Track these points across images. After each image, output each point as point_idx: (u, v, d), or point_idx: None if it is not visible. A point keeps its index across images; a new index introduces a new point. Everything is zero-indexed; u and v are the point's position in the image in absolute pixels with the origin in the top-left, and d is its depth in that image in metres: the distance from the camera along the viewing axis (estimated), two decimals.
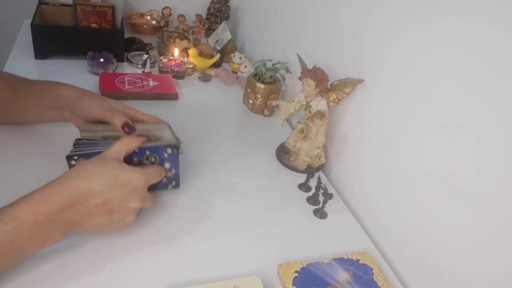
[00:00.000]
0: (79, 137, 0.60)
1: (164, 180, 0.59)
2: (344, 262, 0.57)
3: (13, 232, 0.43)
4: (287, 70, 0.90)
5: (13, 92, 0.64)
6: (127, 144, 0.55)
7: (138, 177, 0.52)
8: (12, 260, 0.46)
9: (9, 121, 0.70)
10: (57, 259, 0.50)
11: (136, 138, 0.56)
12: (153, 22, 1.31)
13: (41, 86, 0.65)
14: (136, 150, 0.56)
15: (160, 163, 0.58)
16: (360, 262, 0.58)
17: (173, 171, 0.60)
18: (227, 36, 1.19)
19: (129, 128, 0.59)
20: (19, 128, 0.71)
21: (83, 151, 0.57)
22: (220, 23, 1.25)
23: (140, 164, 0.57)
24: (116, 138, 0.56)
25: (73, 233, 0.50)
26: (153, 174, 0.55)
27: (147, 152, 0.57)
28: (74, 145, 0.58)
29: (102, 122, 0.61)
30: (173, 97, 0.94)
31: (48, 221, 0.45)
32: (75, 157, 0.56)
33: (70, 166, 0.56)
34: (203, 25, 1.31)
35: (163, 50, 1.12)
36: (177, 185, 0.62)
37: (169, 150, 0.58)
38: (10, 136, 0.69)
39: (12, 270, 0.47)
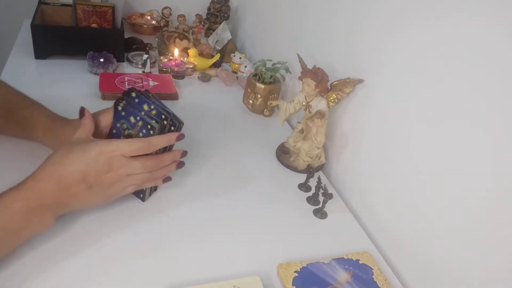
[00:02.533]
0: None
1: (151, 132, 0.55)
2: (344, 262, 0.57)
3: (6, 218, 0.46)
4: (287, 70, 0.90)
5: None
6: (85, 127, 0.55)
7: (108, 148, 0.51)
8: (8, 245, 0.48)
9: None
10: (56, 258, 0.50)
11: (88, 118, 0.56)
12: (153, 22, 1.31)
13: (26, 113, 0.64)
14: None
15: (131, 125, 0.56)
16: (360, 262, 0.58)
17: (139, 118, 0.55)
18: (227, 36, 1.19)
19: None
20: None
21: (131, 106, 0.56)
22: (220, 23, 1.25)
23: (124, 136, 0.57)
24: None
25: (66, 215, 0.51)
26: (122, 145, 0.52)
27: (118, 124, 0.56)
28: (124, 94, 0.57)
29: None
30: (173, 97, 0.94)
31: (39, 208, 0.48)
32: (123, 102, 0.56)
33: (116, 111, 0.56)
34: (203, 25, 1.31)
35: (163, 50, 1.12)
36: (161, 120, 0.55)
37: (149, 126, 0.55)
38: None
39: (5, 265, 0.47)
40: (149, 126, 0.55)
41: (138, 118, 0.55)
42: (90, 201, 0.54)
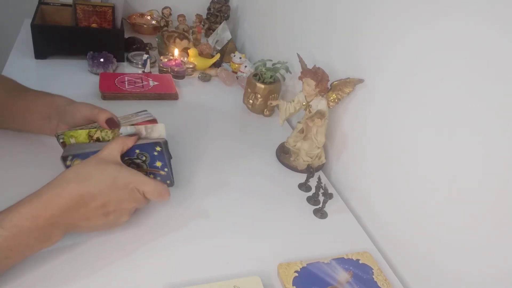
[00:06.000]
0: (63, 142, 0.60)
1: (158, 179, 0.60)
2: (344, 262, 0.57)
3: (12, 238, 0.43)
4: (287, 70, 0.90)
5: (7, 97, 0.64)
6: (121, 144, 0.55)
7: (138, 180, 0.52)
8: (11, 262, 0.46)
9: (1, 125, 0.69)
10: (55, 259, 0.50)
11: (128, 138, 0.56)
12: (153, 22, 1.31)
13: (34, 94, 0.65)
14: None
15: (150, 162, 0.58)
16: (360, 262, 0.58)
17: (166, 170, 0.59)
18: (227, 36, 1.19)
19: (112, 124, 0.59)
20: (9, 133, 0.70)
21: (76, 151, 0.56)
22: (220, 23, 1.25)
23: (132, 163, 0.57)
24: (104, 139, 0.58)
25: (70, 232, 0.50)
26: (153, 183, 0.54)
27: (137, 151, 0.57)
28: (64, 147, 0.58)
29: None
30: (173, 97, 0.94)
31: (49, 226, 0.46)
32: (70, 157, 0.55)
33: (66, 166, 0.56)
34: (203, 25, 1.31)
35: (163, 50, 1.12)
36: (171, 184, 0.61)
37: (158, 148, 0.58)
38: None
39: (8, 271, 0.47)
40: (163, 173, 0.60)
41: (162, 165, 0.59)
42: (99, 226, 0.52)
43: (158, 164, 0.58)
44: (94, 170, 0.50)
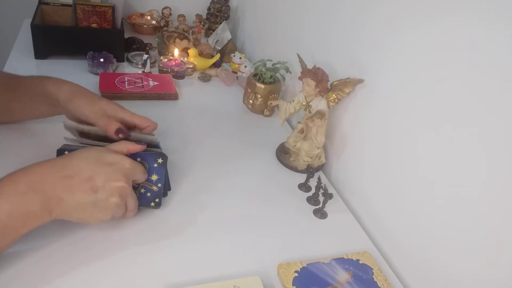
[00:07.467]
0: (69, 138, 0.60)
1: (149, 194, 0.58)
2: (344, 262, 0.57)
3: None
4: (287, 70, 0.90)
5: (4, 91, 0.64)
6: (121, 146, 0.55)
7: (124, 159, 0.52)
8: None
9: (3, 121, 0.69)
10: (55, 257, 0.50)
11: (133, 143, 0.56)
12: (153, 22, 1.32)
13: (31, 82, 0.64)
14: (128, 155, 0.56)
15: (148, 173, 0.57)
16: (360, 262, 0.58)
17: (159, 185, 0.58)
18: (227, 36, 1.19)
19: (122, 133, 0.60)
20: (9, 127, 0.71)
21: (74, 147, 0.56)
22: (220, 23, 1.25)
23: None
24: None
25: (60, 219, 0.48)
26: (138, 168, 0.54)
27: (138, 159, 0.57)
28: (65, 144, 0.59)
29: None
30: (173, 97, 0.94)
31: (29, 192, 0.44)
32: (66, 152, 0.55)
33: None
34: (203, 25, 1.31)
35: (163, 50, 1.12)
36: (158, 204, 0.59)
37: (160, 160, 0.57)
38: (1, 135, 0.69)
39: (6, 266, 0.47)
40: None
41: (157, 179, 0.58)
42: (88, 206, 0.49)
43: (154, 177, 0.57)
44: (82, 152, 0.51)
